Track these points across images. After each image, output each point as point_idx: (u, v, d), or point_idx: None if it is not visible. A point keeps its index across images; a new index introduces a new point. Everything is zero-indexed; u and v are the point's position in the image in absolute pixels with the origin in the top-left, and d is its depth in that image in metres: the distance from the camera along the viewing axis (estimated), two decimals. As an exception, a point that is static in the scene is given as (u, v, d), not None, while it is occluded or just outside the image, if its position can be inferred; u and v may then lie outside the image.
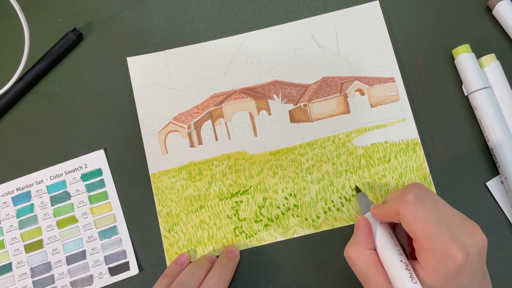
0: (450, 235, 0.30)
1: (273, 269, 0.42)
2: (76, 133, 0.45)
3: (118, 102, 0.46)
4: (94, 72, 0.46)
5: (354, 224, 0.42)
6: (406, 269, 0.31)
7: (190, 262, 0.42)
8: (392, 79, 0.45)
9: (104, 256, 0.43)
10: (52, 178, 0.44)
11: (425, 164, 0.43)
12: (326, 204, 0.43)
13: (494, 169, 0.43)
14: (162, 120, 0.45)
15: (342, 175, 0.43)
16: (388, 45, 0.45)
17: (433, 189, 0.42)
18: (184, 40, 0.47)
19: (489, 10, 0.46)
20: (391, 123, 0.44)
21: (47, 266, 0.43)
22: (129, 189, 0.44)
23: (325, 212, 0.43)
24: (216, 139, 0.45)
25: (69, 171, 0.44)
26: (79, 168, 0.44)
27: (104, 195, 0.44)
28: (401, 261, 0.32)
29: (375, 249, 0.35)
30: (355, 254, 0.35)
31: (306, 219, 0.43)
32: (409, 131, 0.44)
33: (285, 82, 0.45)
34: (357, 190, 0.42)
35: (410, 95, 0.44)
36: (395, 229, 0.37)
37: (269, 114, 0.45)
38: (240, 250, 0.42)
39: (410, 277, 0.31)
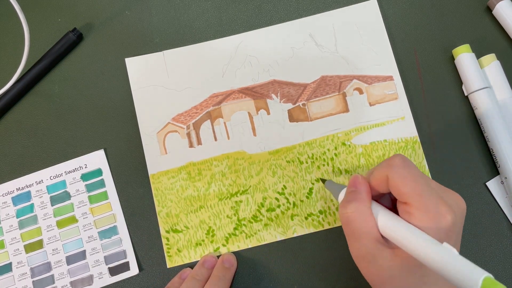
0: (439, 195, 0.30)
1: (273, 269, 0.42)
2: (76, 133, 0.45)
3: (118, 102, 0.46)
4: (94, 72, 0.46)
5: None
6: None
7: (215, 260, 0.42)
8: (390, 77, 0.45)
9: (104, 256, 0.43)
10: (52, 178, 0.44)
11: (424, 162, 0.43)
12: (325, 203, 0.43)
13: (494, 169, 0.43)
14: (161, 121, 0.45)
15: (342, 174, 0.43)
16: (386, 43, 0.45)
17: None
18: (184, 40, 0.47)
19: (489, 10, 0.46)
20: (390, 122, 0.44)
21: (47, 266, 0.43)
22: (129, 189, 0.44)
23: (324, 211, 0.42)
24: (215, 139, 0.45)
25: (69, 171, 0.44)
26: (79, 168, 0.44)
27: (104, 195, 0.44)
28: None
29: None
30: (357, 211, 0.32)
31: (306, 218, 0.43)
32: (408, 129, 0.44)
33: (284, 81, 0.45)
34: (322, 181, 0.41)
35: (409, 94, 0.44)
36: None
37: (268, 113, 0.45)
38: (240, 250, 0.42)
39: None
